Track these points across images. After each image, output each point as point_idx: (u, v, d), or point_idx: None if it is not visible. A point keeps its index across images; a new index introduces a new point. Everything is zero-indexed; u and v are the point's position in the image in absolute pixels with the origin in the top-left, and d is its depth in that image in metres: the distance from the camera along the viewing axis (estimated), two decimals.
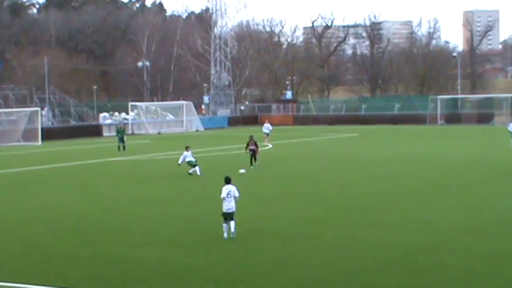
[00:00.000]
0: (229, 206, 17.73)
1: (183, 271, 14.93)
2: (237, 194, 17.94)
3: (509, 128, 47.42)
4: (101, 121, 79.64)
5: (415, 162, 37.20)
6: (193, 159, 33.22)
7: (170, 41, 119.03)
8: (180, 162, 33.04)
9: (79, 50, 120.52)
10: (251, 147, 36.04)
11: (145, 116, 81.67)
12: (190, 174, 32.51)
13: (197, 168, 32.74)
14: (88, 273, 14.97)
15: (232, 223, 17.64)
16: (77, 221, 21.42)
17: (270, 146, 36.03)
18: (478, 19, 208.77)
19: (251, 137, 36.48)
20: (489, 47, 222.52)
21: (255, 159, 35.87)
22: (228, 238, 17.62)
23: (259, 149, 36.67)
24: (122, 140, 50.65)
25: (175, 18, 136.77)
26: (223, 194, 17.78)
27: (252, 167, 34.72)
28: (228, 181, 18.14)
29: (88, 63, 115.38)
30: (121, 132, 51.33)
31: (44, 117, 78.92)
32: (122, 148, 50.30)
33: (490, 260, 15.24)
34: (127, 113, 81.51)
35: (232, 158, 43.33)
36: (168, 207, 23.47)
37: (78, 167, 39.95)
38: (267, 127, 54.99)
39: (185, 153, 33.35)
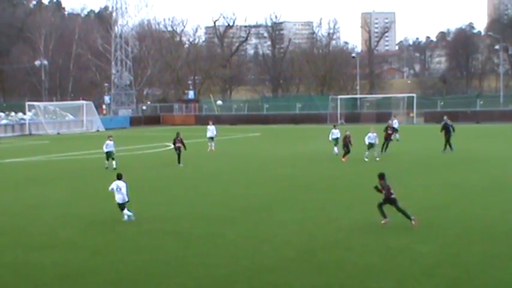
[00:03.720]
0: (119, 198, 19.85)
1: (83, 273, 14.65)
2: (124, 191, 19.84)
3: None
4: None
5: (315, 161, 37.79)
6: (113, 150, 34.82)
7: (69, 40, 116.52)
8: (105, 150, 34.89)
9: None
10: (177, 144, 35.75)
11: (43, 116, 79.68)
12: (106, 168, 34.12)
13: (113, 161, 34.38)
14: None
15: (125, 211, 19.90)
16: None
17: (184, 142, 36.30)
18: (376, 21, 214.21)
19: (178, 134, 36.24)
20: (386, 48, 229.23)
21: (180, 158, 35.79)
22: (129, 220, 19.81)
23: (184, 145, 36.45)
24: None
25: (73, 16, 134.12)
26: (110, 187, 19.99)
27: (180, 165, 34.85)
28: (119, 177, 20.09)
29: None
30: None
31: None
32: None
33: (387, 255, 15.66)
34: (24, 113, 79.27)
35: (134, 158, 42.85)
36: (67, 208, 22.96)
37: None
38: (211, 130, 46.83)
39: (108, 142, 34.76)
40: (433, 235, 17.68)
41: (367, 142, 36.87)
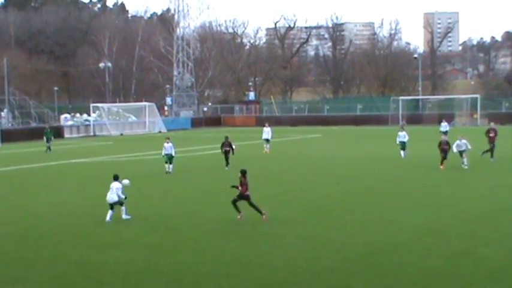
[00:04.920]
0: (110, 197, 20.87)
1: (145, 273, 14.82)
2: (119, 192, 20.79)
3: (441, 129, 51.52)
4: (62, 122, 78.78)
5: (376, 163, 37.45)
6: (171, 153, 33.96)
7: (132, 42, 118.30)
8: (162, 154, 34.24)
9: (39, 50, 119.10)
10: (226, 148, 35.81)
11: (107, 118, 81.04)
12: (167, 172, 33.76)
13: (171, 165, 33.75)
14: (48, 276, 14.79)
15: (110, 212, 20.86)
16: (37, 223, 21.17)
17: (233, 146, 36.22)
18: (439, 21, 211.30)
19: (226, 138, 36.34)
20: (449, 48, 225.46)
21: (228, 161, 35.65)
22: (110, 220, 20.66)
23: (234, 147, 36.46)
24: (47, 141, 51.23)
25: (136, 19, 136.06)
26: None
27: (226, 168, 34.79)
28: (115, 178, 21.09)
29: (49, 64, 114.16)
30: (47, 133, 51.63)
31: (3, 118, 77.85)
32: (48, 149, 50.78)
33: (450, 259, 15.39)
34: (89, 114, 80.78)
35: (196, 159, 43.20)
36: (129, 208, 23.23)
37: (39, 169, 39.48)
38: (266, 132, 46.13)
39: (165, 145, 34.15)
40: (498, 239, 17.31)
41: (455, 150, 33.09)
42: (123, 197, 20.98)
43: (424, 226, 19.10)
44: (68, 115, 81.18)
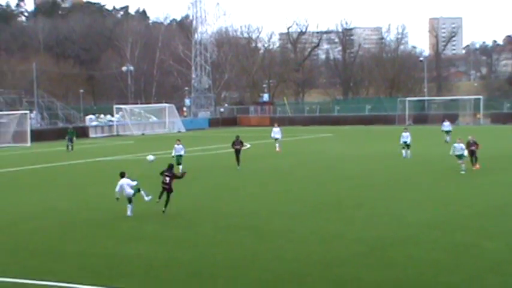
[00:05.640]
0: (126, 193, 20.76)
1: (166, 266, 14.86)
2: (127, 188, 20.68)
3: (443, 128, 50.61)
4: (87, 123, 79.04)
5: (384, 160, 37.33)
6: (181, 153, 33.51)
7: (153, 47, 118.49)
8: (172, 154, 33.58)
9: (66, 55, 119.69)
10: (236, 146, 35.34)
11: (129, 118, 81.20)
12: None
13: (180, 166, 33.05)
14: (75, 268, 14.86)
15: (130, 206, 20.85)
16: (65, 218, 21.27)
17: (248, 145, 35.80)
18: (443, 25, 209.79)
19: (237, 137, 35.80)
20: (453, 51, 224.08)
21: (239, 160, 34.81)
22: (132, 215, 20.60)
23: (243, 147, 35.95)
24: (70, 140, 51.15)
25: (157, 25, 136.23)
26: (117, 188, 20.87)
27: (238, 168, 34.36)
28: (122, 175, 21.09)
29: (75, 68, 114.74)
30: (70, 133, 51.72)
31: (32, 119, 78.16)
32: (70, 148, 50.79)
33: (456, 252, 15.33)
34: (112, 115, 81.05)
35: (213, 157, 43.23)
36: (151, 204, 23.31)
37: (66, 167, 39.66)
38: (276, 131, 46.29)
39: (176, 146, 33.67)
40: (501, 233, 17.23)
41: (451, 153, 30.88)
42: (131, 192, 20.80)
43: (430, 221, 19.03)
44: (92, 116, 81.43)
